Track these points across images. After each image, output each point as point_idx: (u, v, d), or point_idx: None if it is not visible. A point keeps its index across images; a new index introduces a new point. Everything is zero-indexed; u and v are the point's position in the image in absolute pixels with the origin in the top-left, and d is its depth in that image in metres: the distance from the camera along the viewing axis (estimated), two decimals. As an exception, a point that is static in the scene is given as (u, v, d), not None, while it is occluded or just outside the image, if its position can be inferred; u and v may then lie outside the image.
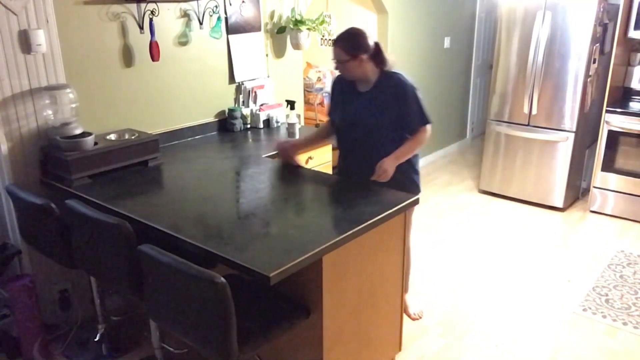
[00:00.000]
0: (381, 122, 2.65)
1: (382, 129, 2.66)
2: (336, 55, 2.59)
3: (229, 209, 2.39)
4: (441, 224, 4.38)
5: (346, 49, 2.56)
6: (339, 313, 2.20)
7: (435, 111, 5.74)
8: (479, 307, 3.23)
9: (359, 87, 2.71)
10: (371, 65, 2.63)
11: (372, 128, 2.67)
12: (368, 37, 2.61)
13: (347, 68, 2.61)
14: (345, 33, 2.62)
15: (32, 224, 2.53)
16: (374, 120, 2.66)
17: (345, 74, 2.67)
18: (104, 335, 2.80)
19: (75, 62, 2.81)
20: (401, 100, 2.63)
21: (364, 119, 2.68)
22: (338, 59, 2.59)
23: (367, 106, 2.66)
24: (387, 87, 2.64)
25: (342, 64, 2.60)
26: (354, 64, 2.58)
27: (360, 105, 2.68)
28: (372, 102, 2.66)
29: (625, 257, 3.81)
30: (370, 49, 2.60)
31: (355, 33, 2.61)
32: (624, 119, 4.25)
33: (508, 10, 4.46)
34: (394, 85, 2.64)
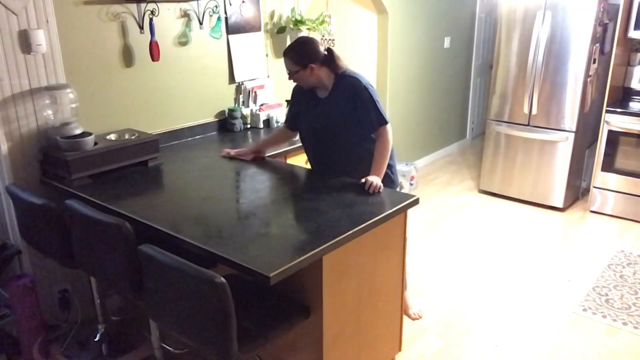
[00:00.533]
0: (344, 125, 2.66)
1: (346, 131, 2.67)
2: (287, 66, 2.63)
3: (229, 209, 2.39)
4: (441, 224, 4.38)
5: (294, 59, 2.59)
6: (339, 313, 2.20)
7: (435, 111, 5.79)
8: (479, 307, 3.23)
9: (319, 94, 2.72)
10: (325, 72, 2.64)
11: (336, 132, 2.69)
12: (318, 44, 2.63)
13: (299, 78, 2.64)
14: (294, 43, 2.67)
15: (32, 224, 2.53)
16: (336, 125, 2.67)
17: (300, 84, 2.70)
18: (104, 335, 2.80)
19: (75, 62, 2.81)
20: (358, 102, 2.63)
21: (327, 125, 2.69)
22: (289, 70, 2.63)
23: (328, 111, 2.68)
24: (344, 90, 2.64)
25: (293, 74, 2.63)
26: (305, 73, 2.60)
27: (322, 111, 2.69)
28: (332, 107, 2.66)
29: (625, 257, 3.81)
30: (321, 56, 2.61)
31: (303, 42, 2.65)
32: (624, 119, 4.25)
33: (508, 10, 4.46)
34: (350, 88, 2.63)
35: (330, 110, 2.67)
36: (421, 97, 5.49)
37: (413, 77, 5.29)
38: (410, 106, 5.34)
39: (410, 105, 5.34)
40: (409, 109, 5.33)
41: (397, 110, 5.15)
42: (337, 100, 2.65)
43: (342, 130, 2.67)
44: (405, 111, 5.28)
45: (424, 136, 5.69)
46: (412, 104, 5.37)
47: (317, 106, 2.71)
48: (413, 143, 5.52)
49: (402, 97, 5.18)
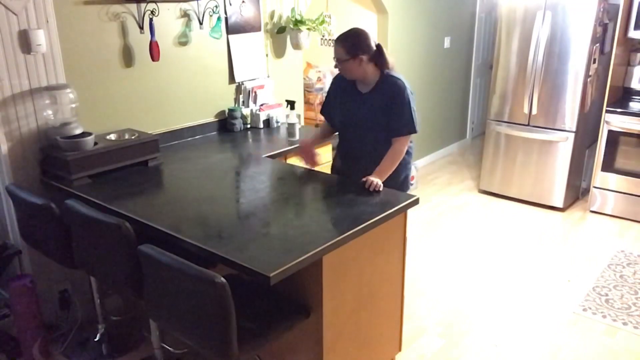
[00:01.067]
0: (377, 125, 2.67)
1: (377, 131, 2.68)
2: (337, 54, 2.60)
3: (229, 209, 2.39)
4: (441, 224, 4.38)
5: (347, 48, 2.56)
6: (339, 313, 2.20)
7: (435, 111, 5.79)
8: (479, 307, 3.23)
9: (359, 88, 2.71)
10: (371, 67, 2.63)
11: (368, 130, 2.69)
12: (370, 39, 2.61)
13: (346, 67, 2.61)
14: (347, 32, 2.62)
15: (32, 224, 2.53)
16: (370, 123, 2.68)
17: (345, 74, 2.68)
18: (104, 335, 2.80)
19: (75, 62, 2.81)
20: (396, 104, 2.63)
21: (361, 120, 2.69)
22: (338, 58, 2.60)
23: (365, 107, 2.67)
24: (387, 90, 2.64)
25: (341, 63, 2.60)
26: (354, 63, 2.58)
27: (360, 106, 2.69)
28: (370, 103, 2.66)
29: (625, 257, 3.81)
30: (372, 50, 2.60)
31: (357, 33, 2.61)
32: (624, 119, 4.25)
33: (508, 10, 4.46)
34: (393, 89, 2.64)
35: (368, 107, 2.67)
36: (421, 97, 5.48)
37: (413, 77, 5.29)
38: (410, 106, 5.33)
39: (410, 105, 5.33)
40: (409, 109, 5.32)
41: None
42: (377, 98, 2.65)
43: (374, 128, 2.68)
44: (405, 111, 5.27)
45: (424, 136, 5.69)
46: (412, 104, 5.36)
47: (356, 100, 2.71)
48: (413, 143, 5.51)
49: (402, 97, 5.17)
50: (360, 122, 2.70)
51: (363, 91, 2.70)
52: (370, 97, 2.67)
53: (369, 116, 2.67)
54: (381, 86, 2.65)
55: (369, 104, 2.67)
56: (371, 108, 2.66)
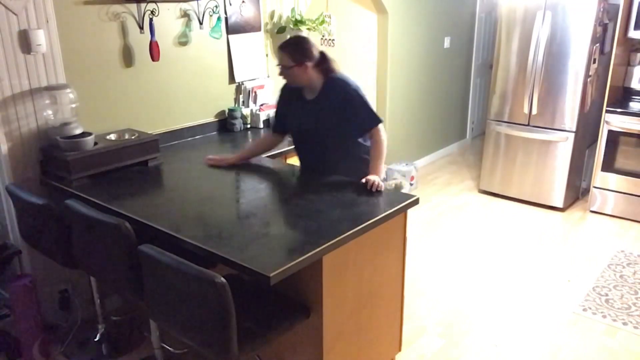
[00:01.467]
0: (331, 128, 2.67)
1: (335, 134, 2.68)
2: (282, 61, 2.60)
3: (229, 209, 2.39)
4: (441, 224, 4.38)
5: (292, 55, 2.57)
6: (339, 313, 2.20)
7: (435, 111, 5.79)
8: (479, 307, 3.23)
9: (306, 95, 2.71)
10: (316, 73, 2.63)
11: (324, 134, 2.70)
12: (314, 45, 2.62)
13: (291, 74, 2.61)
14: (292, 39, 2.67)
15: (32, 224, 2.53)
16: (324, 127, 2.68)
17: (290, 81, 2.66)
18: (104, 335, 2.80)
19: (75, 62, 2.81)
20: (348, 105, 2.62)
21: (316, 127, 2.69)
22: (283, 65, 2.59)
23: (317, 113, 2.67)
24: (333, 93, 2.64)
25: (287, 69, 2.59)
26: (299, 70, 2.58)
27: (311, 113, 2.69)
28: (321, 108, 2.66)
29: (625, 257, 3.81)
30: (315, 57, 2.60)
31: (301, 40, 2.64)
32: (624, 119, 4.25)
33: (508, 10, 4.46)
34: (339, 91, 2.63)
35: (319, 113, 2.66)
36: (421, 97, 5.49)
37: (413, 77, 5.29)
38: (410, 106, 5.34)
39: (410, 105, 5.34)
40: (409, 109, 5.33)
41: (397, 110, 5.15)
42: (326, 102, 2.65)
43: (331, 132, 2.68)
44: (405, 111, 5.28)
45: (424, 136, 5.69)
46: (412, 104, 5.37)
47: (304, 107, 2.71)
48: (413, 143, 5.52)
49: (402, 97, 5.18)
50: (317, 128, 2.70)
51: (309, 98, 2.70)
52: (319, 102, 2.67)
53: (324, 121, 2.67)
54: (327, 90, 2.65)
55: (318, 109, 2.66)
56: (324, 113, 2.66)
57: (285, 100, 2.82)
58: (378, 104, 5.06)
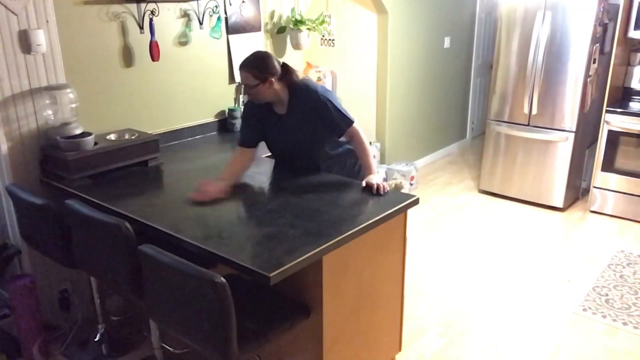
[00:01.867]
0: (308, 137, 2.67)
1: (315, 142, 2.69)
2: (245, 80, 2.53)
3: (229, 209, 2.38)
4: (441, 224, 4.38)
5: (254, 73, 2.49)
6: (339, 313, 2.20)
7: (435, 111, 5.79)
8: (479, 307, 3.23)
9: (276, 109, 2.67)
10: (281, 86, 2.58)
11: (305, 144, 2.70)
12: (274, 59, 2.57)
13: (257, 92, 2.54)
14: (251, 57, 2.55)
15: (32, 224, 2.53)
16: (304, 137, 2.67)
17: (256, 98, 2.59)
18: (104, 335, 2.80)
19: (75, 62, 2.81)
20: (319, 112, 2.60)
21: (294, 139, 2.69)
22: (247, 84, 2.53)
23: (292, 126, 2.65)
24: (301, 104, 2.61)
25: (251, 88, 2.53)
26: (264, 87, 2.52)
27: (286, 127, 2.67)
28: (294, 121, 2.64)
29: (625, 257, 3.81)
30: (278, 70, 2.56)
31: (261, 56, 2.56)
32: (624, 119, 4.25)
33: (508, 10, 4.46)
34: (307, 100, 2.60)
35: (294, 125, 2.65)
36: (421, 97, 5.49)
37: (413, 77, 5.29)
38: (410, 106, 5.34)
39: (410, 105, 5.34)
40: (409, 109, 5.33)
41: (397, 110, 5.15)
42: (298, 114, 2.63)
43: (311, 141, 2.68)
44: (405, 111, 5.28)
45: (424, 136, 5.69)
46: (412, 104, 5.37)
47: (279, 122, 2.68)
48: (413, 143, 5.52)
49: (402, 97, 5.18)
50: (295, 140, 2.69)
51: (280, 112, 2.66)
52: (291, 115, 2.64)
53: (301, 132, 2.65)
54: (295, 100, 2.62)
55: (292, 122, 2.64)
56: (299, 124, 2.64)
57: (254, 116, 2.72)
58: (378, 104, 5.06)
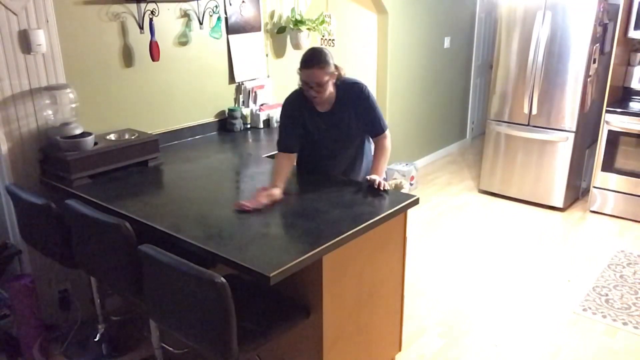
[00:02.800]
0: (350, 134, 2.67)
1: (352, 139, 2.70)
2: (317, 78, 2.42)
3: (229, 209, 2.38)
4: (441, 224, 4.38)
5: (327, 70, 2.43)
6: (339, 313, 2.20)
7: (435, 111, 5.79)
8: (479, 307, 3.23)
9: (319, 109, 2.61)
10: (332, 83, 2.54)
11: (342, 142, 2.70)
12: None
13: (325, 89, 2.46)
14: (318, 54, 2.44)
15: (32, 224, 2.53)
16: (343, 136, 2.67)
17: (320, 97, 2.50)
18: (104, 335, 2.80)
19: (75, 62, 2.81)
20: (365, 107, 2.60)
21: (334, 137, 2.66)
22: (319, 82, 2.43)
23: (336, 123, 2.62)
24: (349, 97, 2.58)
25: (322, 85, 2.44)
26: (330, 83, 2.48)
27: (328, 125, 2.62)
28: (337, 117, 2.61)
29: (625, 257, 3.81)
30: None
31: (325, 52, 2.46)
32: (624, 119, 4.25)
33: (508, 10, 4.46)
34: (356, 97, 2.58)
35: (339, 122, 2.62)
36: (421, 97, 5.49)
37: (413, 77, 5.29)
38: (410, 106, 5.34)
39: (410, 105, 5.34)
40: (409, 109, 5.33)
41: (397, 110, 5.15)
42: (343, 109, 2.59)
43: (353, 138, 2.69)
44: (405, 111, 5.28)
45: (424, 136, 5.69)
46: (412, 104, 5.37)
47: (321, 120, 2.62)
48: (413, 143, 5.52)
49: (402, 97, 5.18)
50: (340, 137, 2.67)
51: (323, 110, 2.60)
52: (336, 111, 2.59)
53: (346, 128, 2.64)
54: (342, 96, 2.57)
55: (337, 120, 2.61)
56: (345, 121, 2.61)
57: (297, 118, 2.62)
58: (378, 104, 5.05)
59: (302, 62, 2.46)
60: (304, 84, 2.49)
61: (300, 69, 2.47)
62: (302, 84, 2.50)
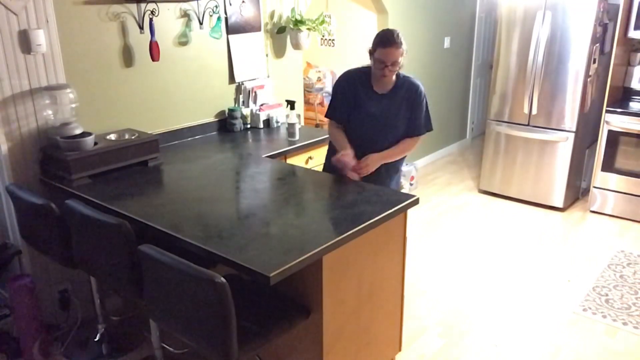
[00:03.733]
0: (396, 123, 2.72)
1: (395, 129, 2.73)
2: (393, 57, 2.54)
3: (229, 209, 2.38)
4: (441, 224, 4.38)
5: (402, 49, 2.56)
6: (339, 313, 2.20)
7: (435, 111, 5.75)
8: (479, 307, 3.23)
9: (376, 89, 2.72)
10: None
11: (387, 128, 2.73)
12: None
13: (397, 68, 2.61)
14: (395, 34, 2.56)
15: (32, 224, 2.53)
16: (390, 121, 2.72)
17: (390, 76, 2.65)
18: (104, 335, 2.80)
19: (75, 62, 2.81)
20: (415, 105, 2.71)
21: (382, 119, 2.71)
22: (395, 60, 2.55)
23: (388, 107, 2.71)
24: (406, 91, 2.71)
25: (395, 64, 2.57)
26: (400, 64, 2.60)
27: (380, 104, 2.71)
28: (392, 103, 2.71)
29: (625, 257, 3.81)
30: None
31: (399, 32, 2.59)
32: (624, 119, 4.25)
33: (508, 10, 4.46)
34: (412, 90, 2.71)
35: (390, 106, 2.70)
36: (421, 97, 5.48)
37: (413, 77, 5.28)
38: (410, 106, 5.33)
39: (410, 105, 5.33)
40: (409, 109, 5.33)
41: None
42: (398, 98, 2.70)
43: (394, 126, 2.73)
44: (405, 111, 5.28)
45: (424, 136, 5.68)
46: (412, 104, 5.36)
47: (375, 99, 2.70)
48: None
49: (402, 97, 5.17)
50: (381, 121, 2.71)
51: (380, 91, 2.71)
52: (392, 96, 2.70)
53: (392, 114, 2.71)
54: (401, 86, 2.71)
55: (392, 103, 2.70)
56: (395, 107, 2.70)
57: (350, 89, 2.73)
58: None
59: (380, 42, 2.56)
60: (378, 63, 2.58)
61: (377, 48, 2.56)
62: (376, 63, 2.59)
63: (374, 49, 2.60)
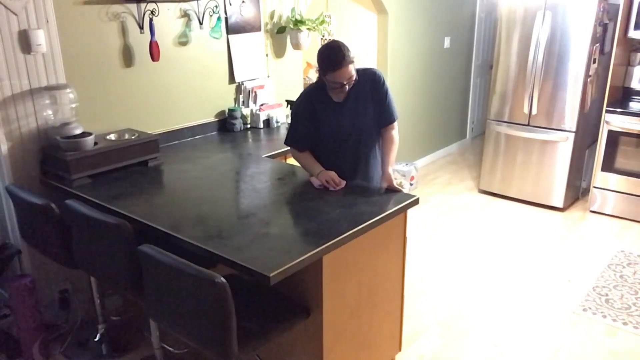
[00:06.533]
0: (366, 121, 2.60)
1: (369, 130, 2.63)
2: (348, 75, 2.41)
3: (229, 209, 2.39)
4: (441, 224, 4.38)
5: (353, 62, 2.41)
6: (339, 313, 2.20)
7: (435, 111, 5.79)
8: (479, 307, 3.23)
9: (336, 99, 2.58)
10: None
11: (361, 132, 2.61)
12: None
13: (353, 80, 2.45)
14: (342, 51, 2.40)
15: (32, 224, 2.53)
16: (362, 123, 2.60)
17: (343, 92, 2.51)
18: (104, 335, 2.80)
19: (75, 62, 2.81)
20: (378, 96, 2.57)
21: (354, 126, 2.60)
22: (350, 77, 2.42)
23: (354, 109, 2.58)
24: (363, 86, 2.54)
25: (350, 79, 2.43)
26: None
27: (344, 114, 2.58)
28: (355, 106, 2.57)
29: (625, 257, 3.81)
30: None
31: (343, 45, 2.44)
32: (624, 119, 4.25)
33: (508, 10, 4.46)
34: (371, 81, 2.55)
35: (357, 107, 2.57)
36: (421, 97, 5.49)
37: (413, 77, 5.29)
38: (410, 106, 5.34)
39: (410, 105, 5.34)
40: (409, 109, 5.33)
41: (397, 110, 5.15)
42: (358, 98, 2.56)
43: (368, 127, 2.61)
44: (405, 111, 5.28)
45: (424, 136, 5.69)
46: (412, 104, 5.37)
47: (336, 110, 2.57)
48: (413, 143, 5.52)
49: (402, 97, 5.17)
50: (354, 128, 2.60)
51: (338, 100, 2.57)
52: (350, 100, 2.56)
53: (362, 115, 2.58)
54: (364, 82, 2.54)
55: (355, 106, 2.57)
56: (359, 110, 2.57)
57: (309, 112, 2.59)
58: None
59: (329, 66, 2.39)
60: (332, 84, 2.44)
61: (327, 72, 2.40)
62: (331, 84, 2.45)
63: (323, 74, 2.43)
